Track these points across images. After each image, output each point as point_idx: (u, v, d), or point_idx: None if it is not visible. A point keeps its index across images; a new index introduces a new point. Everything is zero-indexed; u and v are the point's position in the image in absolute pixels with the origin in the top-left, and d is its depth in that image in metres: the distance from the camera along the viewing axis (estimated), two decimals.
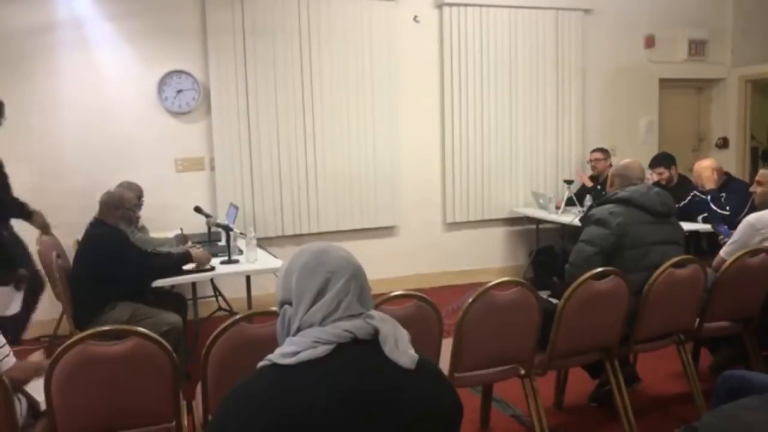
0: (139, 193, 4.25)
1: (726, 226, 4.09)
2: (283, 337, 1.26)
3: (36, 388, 2.16)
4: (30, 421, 2.18)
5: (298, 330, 1.22)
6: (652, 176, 5.12)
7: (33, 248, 4.01)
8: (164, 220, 4.88)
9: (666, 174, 5.06)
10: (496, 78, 5.92)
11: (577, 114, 6.22)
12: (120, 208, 3.48)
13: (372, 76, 5.54)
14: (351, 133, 5.54)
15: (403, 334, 1.25)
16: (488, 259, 6.09)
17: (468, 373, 2.60)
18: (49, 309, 4.28)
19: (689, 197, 4.78)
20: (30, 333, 4.51)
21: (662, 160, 5.17)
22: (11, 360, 2.11)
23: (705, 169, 4.66)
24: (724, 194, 4.59)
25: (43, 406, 2.11)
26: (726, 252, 3.19)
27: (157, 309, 3.43)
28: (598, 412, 3.20)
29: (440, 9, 5.74)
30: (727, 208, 4.52)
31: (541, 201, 5.69)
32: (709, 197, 4.63)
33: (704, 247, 4.75)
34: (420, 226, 5.88)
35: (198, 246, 4.09)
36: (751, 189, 3.57)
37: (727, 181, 4.68)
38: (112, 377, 2.01)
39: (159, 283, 3.51)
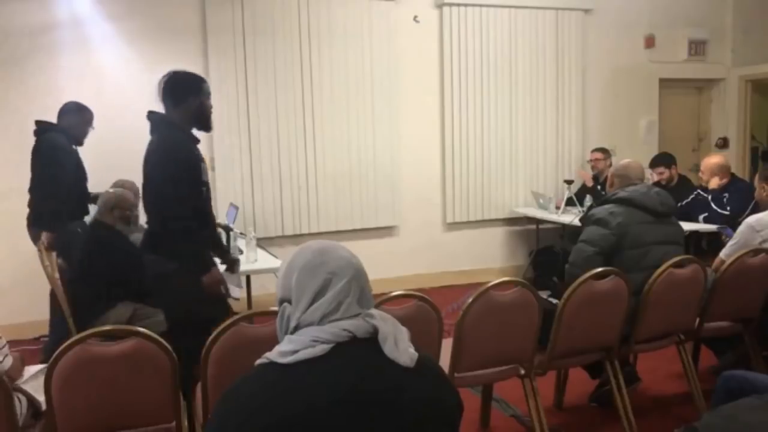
0: (134, 191, 4.24)
1: (731, 229, 4.08)
2: (282, 335, 1.26)
3: (36, 388, 2.16)
4: (30, 421, 2.18)
5: (296, 328, 1.22)
6: (652, 176, 5.14)
7: (33, 248, 4.01)
8: None
9: (666, 174, 5.08)
10: (496, 78, 5.92)
11: (577, 114, 6.22)
12: (117, 209, 3.48)
13: (372, 76, 5.54)
14: (351, 133, 5.54)
15: (403, 333, 1.25)
16: (488, 259, 6.09)
17: (468, 373, 2.59)
18: (49, 309, 4.27)
19: (692, 196, 4.79)
20: (30, 333, 4.52)
21: (662, 159, 5.19)
22: (9, 360, 2.12)
23: (715, 167, 4.67)
24: (726, 194, 4.60)
25: (43, 406, 2.11)
26: (726, 254, 3.18)
27: (157, 309, 3.43)
28: (598, 412, 3.20)
29: (440, 9, 5.74)
30: (728, 208, 4.53)
31: (541, 201, 5.69)
32: (710, 197, 4.64)
33: (704, 247, 4.75)
34: (420, 226, 5.88)
35: None
36: (758, 191, 3.57)
37: (730, 181, 4.69)
38: (112, 377, 2.01)
39: None
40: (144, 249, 2.98)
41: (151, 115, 2.87)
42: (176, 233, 2.69)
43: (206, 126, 2.93)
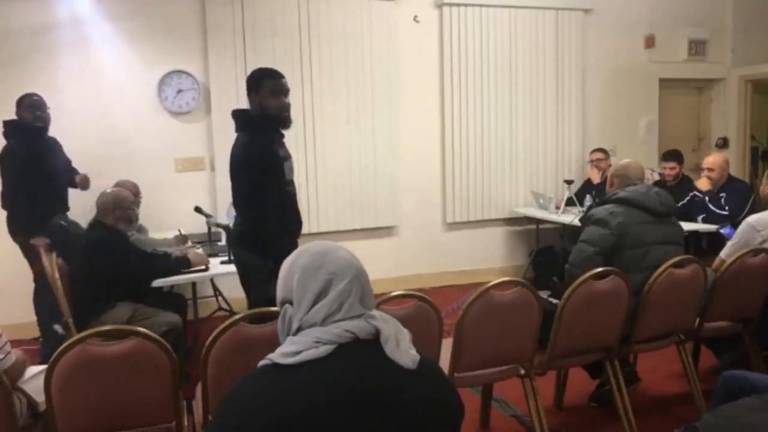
0: (135, 191, 4.24)
1: (731, 228, 4.09)
2: (284, 336, 1.26)
3: (36, 388, 2.16)
4: (30, 421, 2.18)
5: (299, 329, 1.22)
6: (652, 175, 5.16)
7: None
8: (164, 220, 4.88)
9: (676, 170, 5.17)
10: (496, 78, 5.92)
11: (577, 114, 6.22)
12: (117, 209, 3.48)
13: (372, 76, 5.54)
14: (351, 133, 5.54)
15: (405, 334, 1.25)
16: (488, 259, 6.09)
17: (468, 373, 2.59)
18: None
19: (689, 197, 4.81)
20: (30, 333, 4.52)
21: (675, 156, 5.28)
22: (11, 358, 2.11)
23: (726, 163, 4.72)
24: (724, 194, 4.62)
25: (43, 406, 2.11)
26: (726, 253, 3.19)
27: (157, 309, 3.43)
28: (598, 412, 3.20)
29: (440, 9, 5.74)
30: (727, 208, 4.55)
31: (541, 201, 5.69)
32: (707, 198, 4.66)
33: (704, 247, 4.76)
34: (420, 226, 5.88)
35: (197, 246, 4.09)
36: (762, 188, 3.59)
37: (727, 181, 4.72)
38: (112, 377, 2.01)
39: (159, 283, 3.51)
40: (234, 245, 3.12)
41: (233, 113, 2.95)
42: (253, 229, 2.84)
43: (273, 124, 2.89)
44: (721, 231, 4.25)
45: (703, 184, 4.80)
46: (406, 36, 5.66)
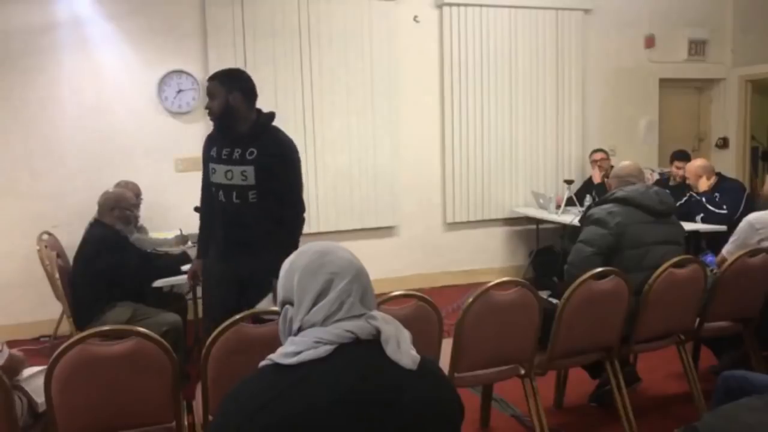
0: (136, 192, 4.24)
1: (713, 255, 4.03)
2: (285, 336, 1.26)
3: (36, 388, 2.16)
4: (30, 421, 2.18)
5: (299, 330, 1.22)
6: (652, 175, 5.15)
7: (33, 248, 4.01)
8: (164, 220, 4.87)
9: (683, 171, 5.15)
10: (496, 78, 5.92)
11: (577, 114, 6.22)
12: (116, 209, 3.48)
13: (372, 76, 5.54)
14: (351, 133, 5.54)
15: (406, 335, 1.25)
16: (488, 259, 6.09)
17: (468, 373, 2.59)
18: (49, 309, 4.28)
19: (685, 198, 4.84)
20: (30, 333, 4.53)
21: (684, 156, 5.28)
22: (5, 353, 2.12)
23: (699, 168, 4.77)
24: (717, 194, 4.66)
25: (43, 407, 2.11)
26: (727, 250, 3.20)
27: (157, 309, 3.43)
28: (598, 412, 3.20)
29: (440, 9, 5.74)
30: (724, 206, 4.57)
31: (541, 201, 5.69)
32: (704, 198, 4.69)
33: (704, 247, 4.77)
34: (420, 226, 5.88)
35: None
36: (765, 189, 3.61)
37: (719, 181, 4.75)
38: (112, 377, 2.01)
39: (159, 283, 3.51)
40: None
41: None
42: None
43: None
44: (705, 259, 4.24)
45: (702, 185, 4.81)
46: (406, 36, 5.66)
